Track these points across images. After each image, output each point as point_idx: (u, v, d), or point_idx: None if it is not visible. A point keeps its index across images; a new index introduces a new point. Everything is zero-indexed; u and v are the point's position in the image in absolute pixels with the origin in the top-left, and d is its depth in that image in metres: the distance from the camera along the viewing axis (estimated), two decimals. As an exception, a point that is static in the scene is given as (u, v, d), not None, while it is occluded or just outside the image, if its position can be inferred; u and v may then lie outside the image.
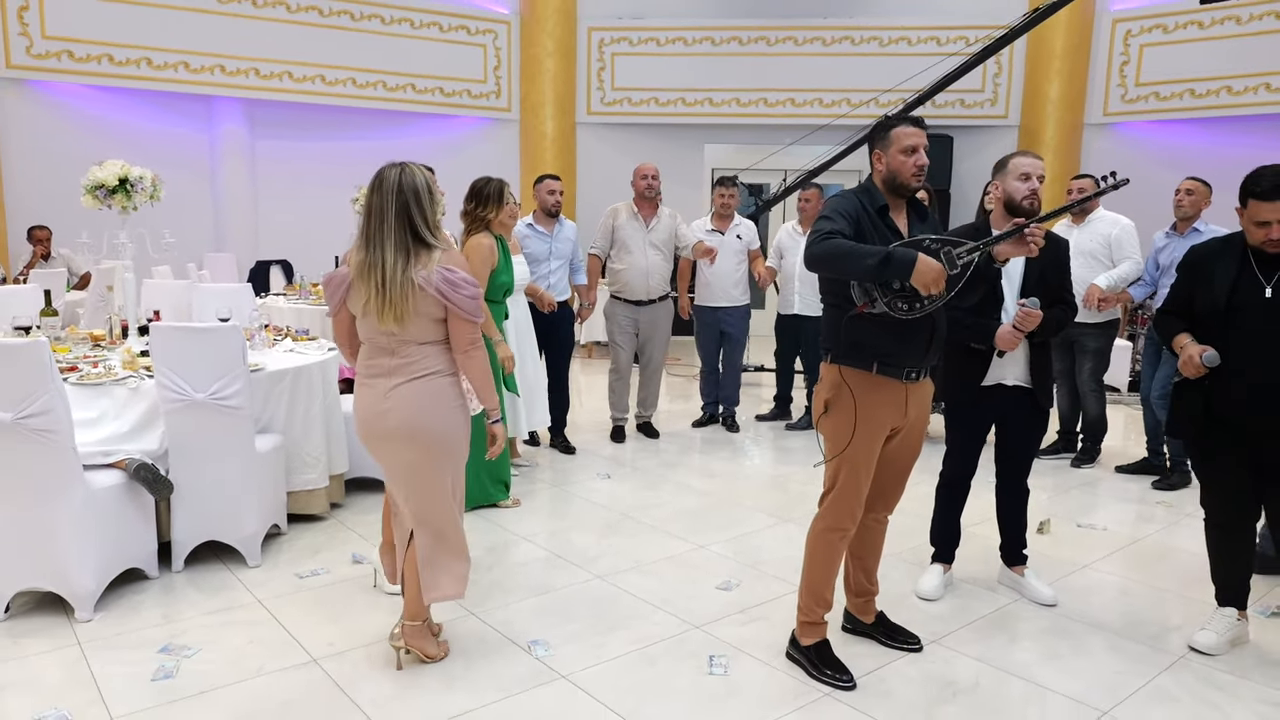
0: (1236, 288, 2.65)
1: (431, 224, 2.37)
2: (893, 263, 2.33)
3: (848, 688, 2.54)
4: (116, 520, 3.06)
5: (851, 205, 2.50)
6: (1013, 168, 2.97)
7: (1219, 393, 2.69)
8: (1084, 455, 5.04)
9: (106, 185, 3.76)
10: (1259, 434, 2.64)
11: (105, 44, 8.17)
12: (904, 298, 2.40)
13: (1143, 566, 3.59)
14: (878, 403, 2.51)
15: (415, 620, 2.61)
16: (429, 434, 2.42)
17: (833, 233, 2.41)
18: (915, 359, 2.50)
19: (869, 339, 2.48)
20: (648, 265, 5.19)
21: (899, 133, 2.51)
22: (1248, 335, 2.62)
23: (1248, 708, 2.50)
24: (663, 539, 3.79)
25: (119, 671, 2.59)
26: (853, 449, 2.52)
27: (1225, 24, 8.57)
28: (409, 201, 2.33)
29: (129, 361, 3.54)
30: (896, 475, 2.71)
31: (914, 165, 2.50)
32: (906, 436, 2.62)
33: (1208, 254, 2.79)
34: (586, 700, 2.48)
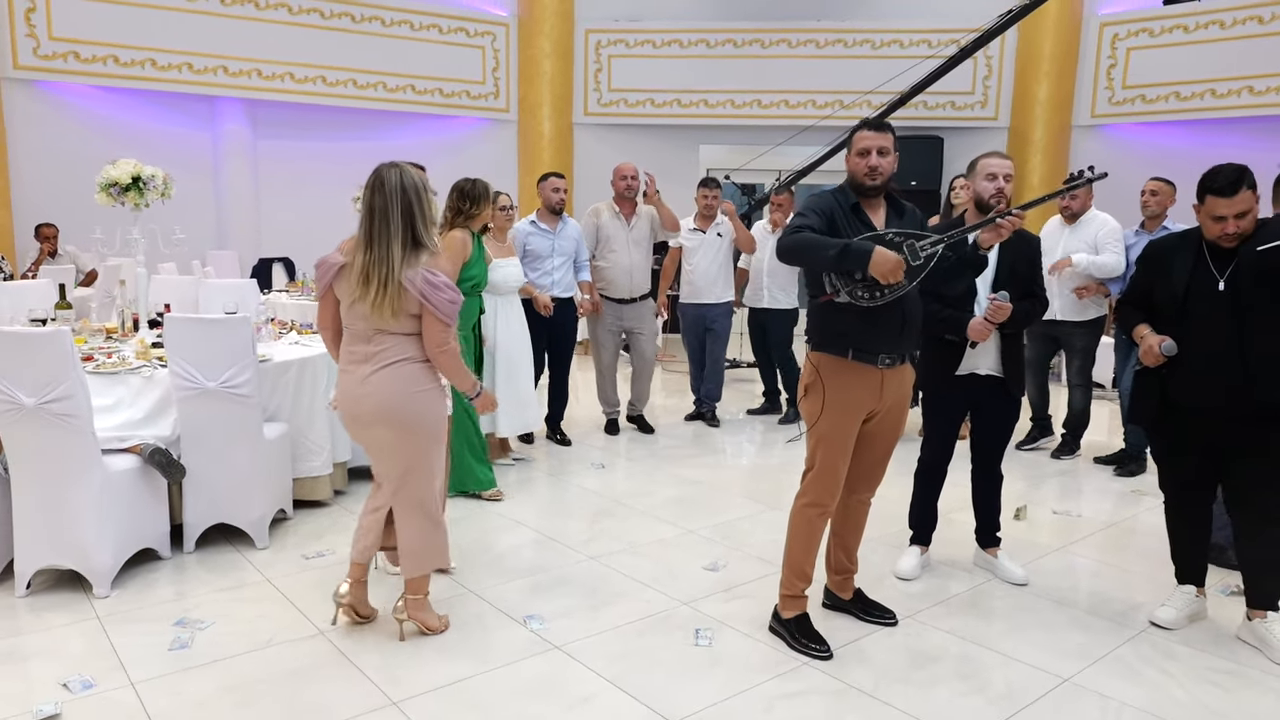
0: (1192, 281, 2.81)
1: (429, 224, 2.53)
2: (850, 253, 2.50)
3: (824, 657, 2.70)
4: (132, 502, 3.21)
5: (826, 203, 2.68)
6: (980, 168, 3.14)
7: (1176, 380, 2.84)
8: (1063, 448, 5.20)
9: (120, 183, 3.91)
10: (1213, 420, 2.79)
11: (110, 45, 8.32)
12: (865, 287, 2.57)
13: (1113, 550, 3.75)
14: (852, 386, 2.67)
15: (416, 594, 2.77)
16: (403, 416, 2.60)
17: (802, 227, 2.60)
18: (888, 346, 2.66)
19: (844, 327, 2.65)
20: (631, 263, 5.31)
21: (856, 136, 2.71)
22: (1202, 326, 2.77)
23: (1198, 675, 2.66)
24: (653, 524, 3.95)
25: (137, 642, 2.74)
26: (830, 429, 2.69)
27: (1209, 28, 8.74)
28: (411, 201, 2.50)
29: (142, 352, 3.69)
30: (877, 458, 2.86)
31: (865, 166, 2.66)
32: (884, 420, 2.78)
33: (1165, 248, 2.95)
34: (578, 668, 2.64)
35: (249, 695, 2.45)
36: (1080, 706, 2.47)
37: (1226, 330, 2.73)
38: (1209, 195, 2.74)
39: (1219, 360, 2.74)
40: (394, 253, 2.48)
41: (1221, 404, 2.75)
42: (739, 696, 2.48)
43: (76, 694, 2.43)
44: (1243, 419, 2.74)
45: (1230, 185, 2.69)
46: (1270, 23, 8.45)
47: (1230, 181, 2.70)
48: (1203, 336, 2.77)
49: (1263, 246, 2.68)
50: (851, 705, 2.45)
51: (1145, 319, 2.93)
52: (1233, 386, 2.73)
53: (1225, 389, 2.74)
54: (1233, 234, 2.72)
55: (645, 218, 5.38)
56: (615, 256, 5.31)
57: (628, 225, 5.33)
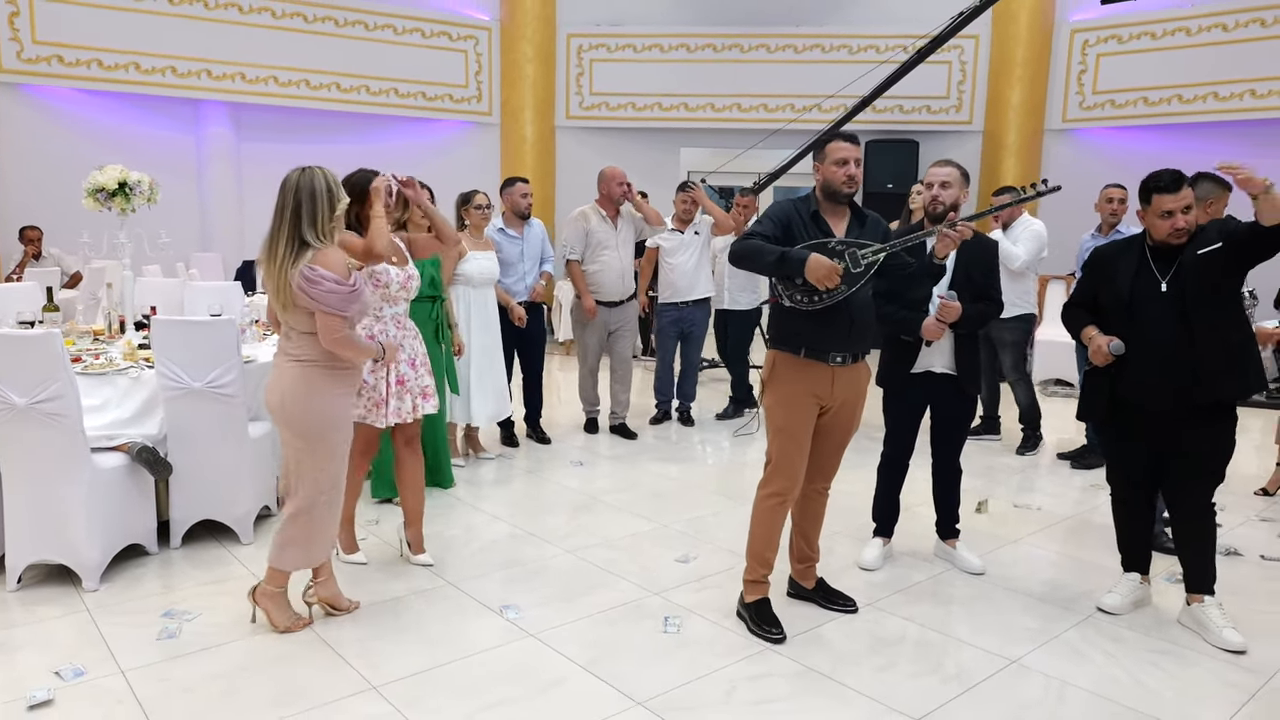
0: (1136, 283, 2.96)
1: (319, 225, 2.63)
2: (787, 260, 2.67)
3: (777, 640, 2.85)
4: (120, 499, 3.31)
5: (784, 211, 2.83)
6: (927, 178, 3.32)
7: (1123, 379, 2.99)
8: (1026, 444, 5.38)
9: (107, 188, 4.00)
10: (1157, 416, 2.94)
11: (95, 49, 8.37)
12: (803, 291, 2.74)
13: (1069, 541, 3.91)
14: (806, 382, 2.83)
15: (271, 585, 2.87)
16: (288, 414, 2.71)
17: (754, 234, 2.78)
18: (838, 345, 2.81)
19: (797, 328, 2.81)
20: (622, 265, 5.36)
21: (833, 146, 2.85)
22: (1146, 326, 2.92)
23: (1138, 656, 2.81)
24: (628, 519, 4.08)
25: (126, 633, 2.84)
26: (786, 423, 2.85)
27: (1176, 35, 8.97)
28: (302, 202, 2.63)
29: (129, 353, 3.78)
30: (832, 450, 3.01)
31: (844, 175, 2.82)
32: (837, 415, 2.93)
33: (1111, 253, 3.11)
34: (551, 654, 2.76)
35: (234, 682, 2.56)
36: (1025, 685, 2.62)
37: (1170, 330, 2.87)
38: (1155, 194, 2.89)
39: (1164, 359, 2.88)
40: (279, 250, 2.62)
41: (1166, 401, 2.89)
42: (703, 679, 2.62)
43: (68, 681, 2.53)
44: (1185, 415, 2.88)
45: (1174, 182, 2.86)
46: (1234, 30, 8.69)
47: (1174, 179, 2.87)
48: (1148, 336, 2.91)
49: (1203, 250, 2.84)
50: (808, 686, 2.59)
51: (1092, 321, 3.08)
52: (1177, 384, 2.86)
53: (1170, 387, 2.88)
54: (1182, 228, 2.85)
55: (628, 219, 5.45)
56: (607, 259, 5.33)
57: (615, 228, 5.37)
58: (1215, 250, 2.80)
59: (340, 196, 2.71)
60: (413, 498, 3.47)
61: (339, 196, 2.70)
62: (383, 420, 3.25)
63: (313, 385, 2.71)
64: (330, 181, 2.68)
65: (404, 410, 3.29)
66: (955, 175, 3.29)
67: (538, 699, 2.50)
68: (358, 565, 3.43)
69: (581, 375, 5.62)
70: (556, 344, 8.91)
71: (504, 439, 5.33)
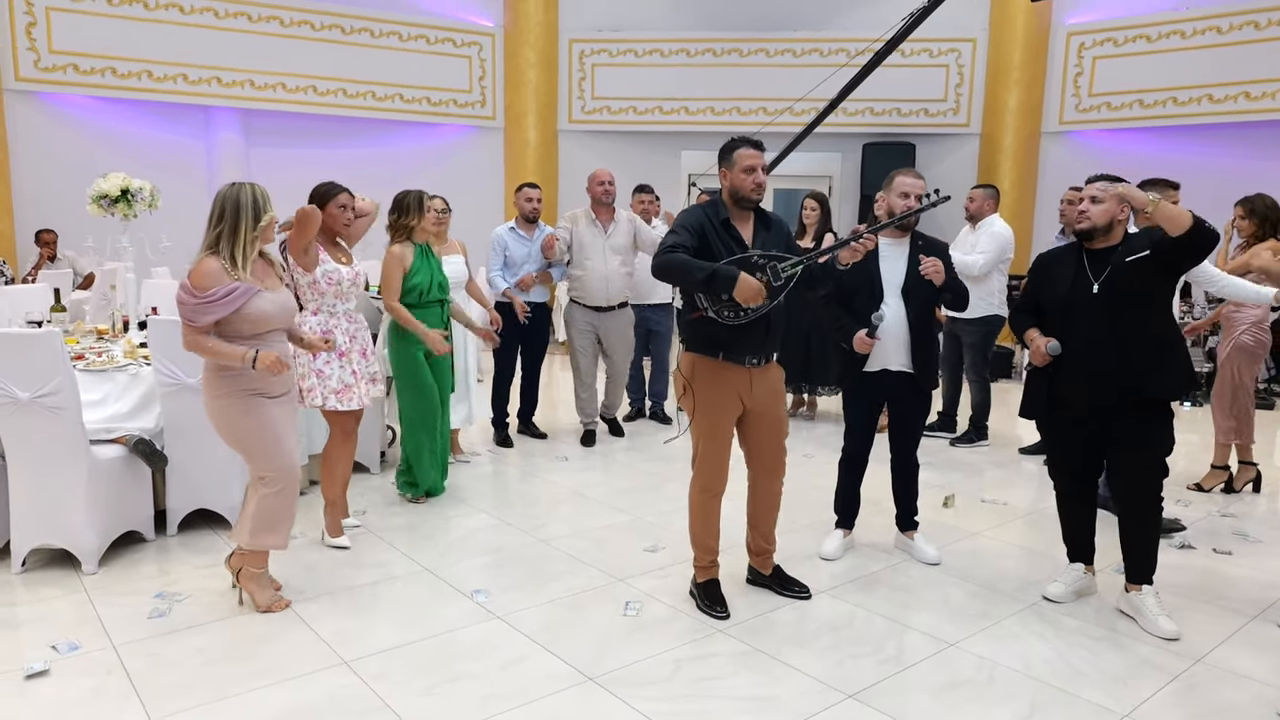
0: (1073, 286, 3.10)
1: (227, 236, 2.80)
2: (717, 279, 2.76)
3: (722, 618, 3.03)
4: (118, 488, 3.52)
5: (696, 218, 2.95)
6: (896, 185, 3.43)
7: (1061, 378, 3.12)
8: (963, 437, 5.55)
9: (110, 195, 4.22)
10: (1093, 411, 3.07)
11: (108, 57, 8.65)
12: (729, 307, 2.84)
13: (1027, 533, 4.04)
14: (724, 384, 2.99)
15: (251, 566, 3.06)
16: (209, 417, 2.97)
17: (675, 246, 2.85)
18: (754, 349, 2.97)
19: (714, 332, 2.94)
20: (607, 271, 5.32)
21: (740, 154, 2.95)
22: (1081, 327, 3.06)
23: (1072, 639, 2.95)
24: (604, 511, 4.25)
25: (120, 612, 3.05)
26: (707, 423, 3.01)
27: (1171, 38, 9.02)
28: (225, 214, 2.82)
29: (129, 351, 4.00)
30: (765, 447, 3.15)
31: (752, 183, 2.95)
32: (761, 414, 3.08)
33: (1051, 259, 3.25)
34: (514, 634, 2.94)
35: (216, 655, 2.75)
36: (958, 666, 2.76)
37: (1100, 331, 3.00)
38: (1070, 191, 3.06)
39: (1094, 358, 3.02)
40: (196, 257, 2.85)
41: (1098, 398, 3.03)
42: (653, 658, 2.78)
43: (64, 654, 2.74)
44: (1119, 412, 3.02)
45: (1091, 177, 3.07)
46: (1228, 33, 8.74)
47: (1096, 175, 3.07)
48: (1083, 337, 3.05)
49: (1131, 257, 2.97)
50: (749, 664, 2.75)
51: (1035, 323, 3.22)
52: (1106, 383, 2.99)
53: (1104, 385, 3.01)
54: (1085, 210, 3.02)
55: (625, 225, 5.39)
56: (591, 264, 5.32)
57: (605, 232, 5.34)
58: (1143, 258, 2.94)
59: (265, 210, 2.87)
60: (336, 480, 3.73)
61: (266, 210, 2.87)
62: (355, 403, 3.58)
63: (210, 388, 2.92)
64: (257, 196, 2.85)
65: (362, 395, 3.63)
66: (924, 187, 3.44)
67: (496, 674, 2.67)
68: (341, 549, 3.63)
69: (576, 386, 5.55)
70: (557, 343, 9.09)
71: (498, 439, 5.44)
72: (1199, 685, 2.67)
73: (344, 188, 3.66)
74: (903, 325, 3.44)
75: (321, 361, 3.54)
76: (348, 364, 3.61)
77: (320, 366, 3.55)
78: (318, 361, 3.54)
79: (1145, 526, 3.10)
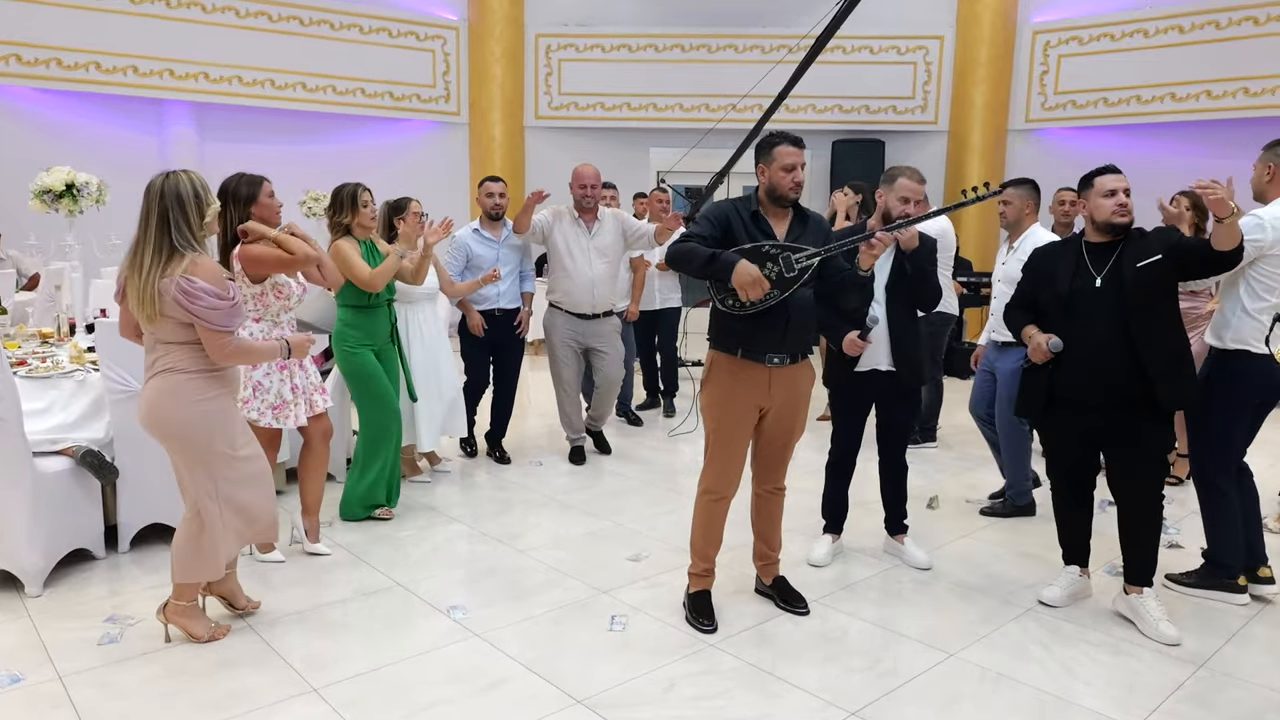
0: (1074, 281, 3.01)
1: (190, 231, 2.52)
2: (715, 265, 2.67)
3: (708, 632, 2.91)
4: (64, 503, 3.28)
5: (721, 211, 2.85)
6: (898, 188, 3.33)
7: (1061, 375, 3.04)
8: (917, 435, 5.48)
9: (54, 190, 3.96)
10: (1093, 409, 2.99)
11: (54, 48, 8.26)
12: (735, 296, 2.74)
13: (1017, 534, 3.97)
14: (742, 383, 2.86)
15: (179, 599, 2.78)
16: (164, 427, 2.64)
17: (690, 235, 2.79)
18: (774, 346, 2.83)
19: (734, 327, 2.83)
20: (593, 276, 4.78)
21: (780, 151, 2.84)
22: (1082, 322, 2.97)
23: (1072, 647, 2.87)
24: (584, 518, 4.10)
25: (67, 638, 2.82)
26: (722, 423, 2.88)
27: (1134, 37, 9.12)
28: (169, 208, 2.51)
29: (76, 356, 3.75)
30: (776, 451, 3.04)
31: (791, 181, 2.83)
32: (778, 417, 2.95)
33: (1049, 253, 3.17)
34: (494, 654, 2.78)
35: (173, 685, 2.55)
36: (960, 678, 2.67)
37: (1103, 327, 2.92)
38: (1096, 178, 2.98)
39: (1099, 356, 2.93)
40: (145, 259, 2.51)
41: (1101, 397, 2.95)
42: (643, 676, 2.64)
43: (3, 688, 2.51)
44: (1119, 410, 2.94)
45: (1110, 167, 2.97)
46: (1190, 32, 8.85)
47: (1108, 165, 2.98)
48: (1082, 332, 2.96)
49: (1141, 263, 2.87)
50: (746, 681, 2.62)
51: (1032, 319, 3.13)
52: (1110, 381, 2.92)
53: (1104, 383, 2.93)
54: (1125, 204, 2.92)
55: (611, 224, 4.90)
56: (575, 267, 4.79)
57: (589, 232, 4.84)
58: (1156, 262, 2.85)
59: (210, 201, 2.61)
60: (316, 488, 3.56)
61: (208, 201, 2.60)
62: (289, 422, 3.33)
63: (183, 394, 2.61)
64: (198, 186, 2.57)
65: (304, 412, 3.40)
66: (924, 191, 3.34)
67: (477, 699, 2.51)
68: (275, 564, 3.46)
69: (559, 400, 5.04)
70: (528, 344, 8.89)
71: (463, 451, 5.15)
72: (1205, 691, 2.60)
73: (261, 177, 3.31)
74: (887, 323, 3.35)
75: (261, 373, 3.30)
76: (288, 377, 3.35)
77: (260, 379, 3.31)
78: (257, 373, 3.29)
79: (1146, 527, 3.03)
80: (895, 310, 3.38)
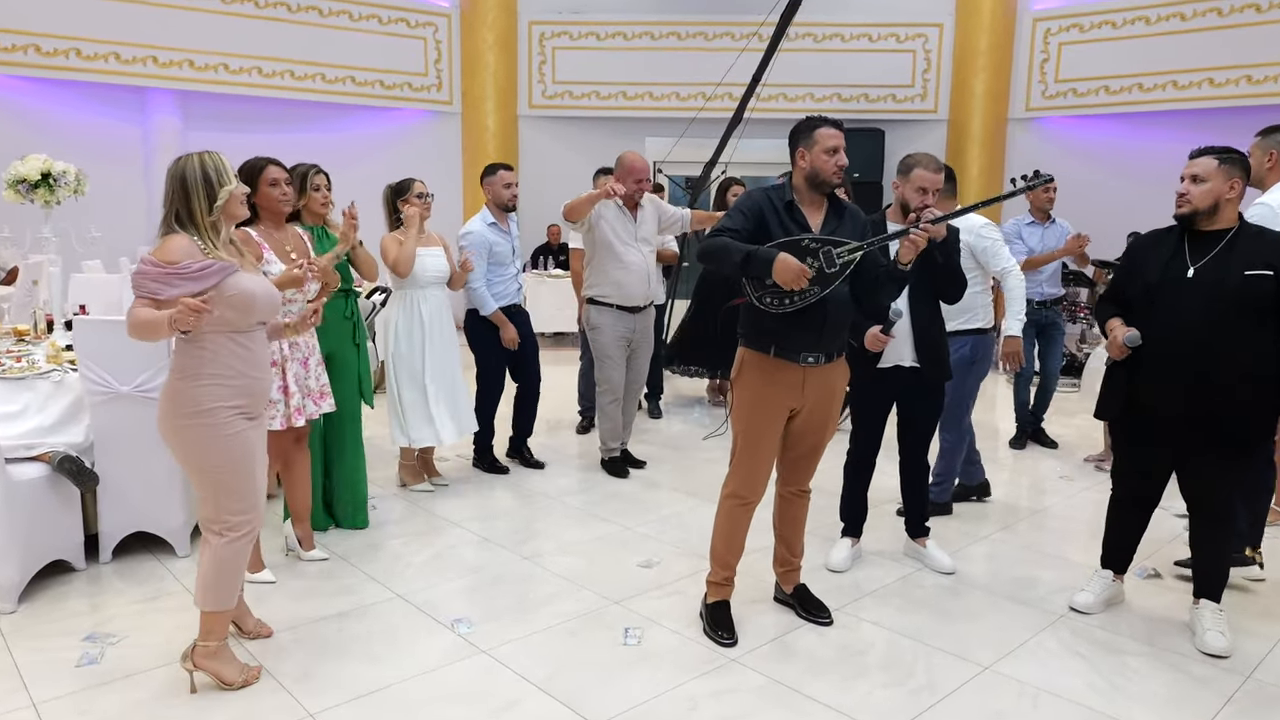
0: (1166, 269, 2.77)
1: (191, 215, 2.31)
2: (754, 260, 2.51)
3: (727, 645, 2.75)
4: (40, 513, 3.09)
5: (754, 202, 2.68)
6: (914, 179, 3.14)
7: (1140, 374, 2.81)
8: None
9: (29, 180, 3.75)
10: (1172, 414, 2.74)
11: (31, 34, 7.99)
12: (774, 294, 2.59)
13: (1033, 534, 3.84)
14: (774, 383, 2.69)
15: (206, 640, 2.45)
16: (164, 434, 2.41)
17: (723, 230, 2.62)
18: (810, 345, 2.66)
19: (768, 325, 2.66)
20: (647, 265, 4.48)
21: (822, 133, 2.67)
22: (1167, 314, 2.73)
23: (1112, 657, 2.73)
24: (592, 521, 3.93)
25: (42, 659, 2.63)
26: (751, 424, 2.71)
27: (1136, 24, 8.98)
28: (173, 191, 2.33)
29: (53, 355, 3.55)
30: (805, 453, 2.87)
31: (835, 165, 2.67)
32: (809, 417, 2.78)
33: (1149, 241, 2.92)
34: (503, 672, 2.61)
35: (158, 712, 2.37)
36: (998, 694, 2.52)
37: (1189, 321, 2.68)
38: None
39: (1179, 353, 2.70)
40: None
41: (1180, 397, 2.72)
42: (664, 695, 2.48)
43: (-27, 716, 2.33)
44: (1199, 414, 2.71)
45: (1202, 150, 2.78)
46: (1192, 19, 8.72)
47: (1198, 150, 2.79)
48: (1166, 325, 2.73)
49: (1251, 271, 2.63)
50: (774, 699, 2.46)
51: (1118, 313, 2.90)
52: (1191, 382, 2.69)
53: (1183, 385, 2.71)
54: (1184, 192, 2.73)
55: (650, 211, 4.57)
56: (629, 258, 4.41)
57: (634, 220, 4.48)
58: (1262, 277, 2.62)
59: (224, 183, 2.34)
60: (301, 495, 3.35)
61: (222, 183, 2.33)
62: (279, 424, 3.09)
63: (177, 404, 2.35)
64: (210, 168, 2.33)
65: (299, 413, 3.16)
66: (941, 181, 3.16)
67: (488, 722, 2.35)
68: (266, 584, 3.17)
69: (603, 406, 4.60)
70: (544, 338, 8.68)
71: (484, 464, 4.64)
72: (1255, 705, 2.46)
73: (266, 162, 3.11)
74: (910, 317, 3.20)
75: None
76: (278, 374, 3.09)
77: None
78: None
79: (1221, 539, 2.85)
80: (918, 304, 3.22)
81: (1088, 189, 9.06)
